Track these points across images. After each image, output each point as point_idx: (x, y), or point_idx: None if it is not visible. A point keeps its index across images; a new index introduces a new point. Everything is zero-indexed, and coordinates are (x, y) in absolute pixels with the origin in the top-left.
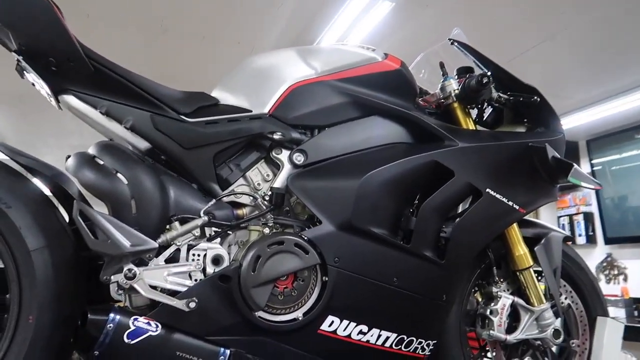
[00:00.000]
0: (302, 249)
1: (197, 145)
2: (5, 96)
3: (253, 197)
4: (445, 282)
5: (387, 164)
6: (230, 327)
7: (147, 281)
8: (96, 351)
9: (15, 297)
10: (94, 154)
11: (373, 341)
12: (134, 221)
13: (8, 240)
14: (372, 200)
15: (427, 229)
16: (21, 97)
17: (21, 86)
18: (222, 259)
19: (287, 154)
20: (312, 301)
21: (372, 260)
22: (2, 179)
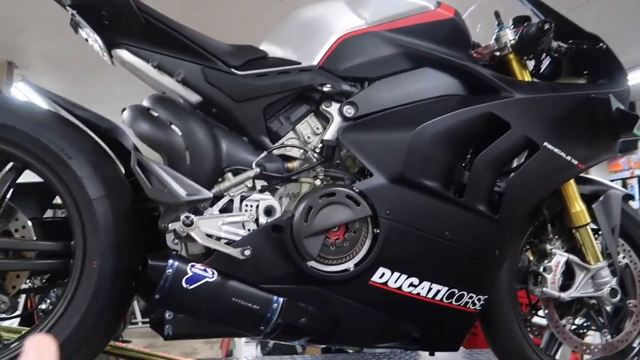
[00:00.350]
0: (353, 201)
1: (247, 98)
2: (56, 62)
3: (303, 150)
4: (498, 237)
5: (440, 116)
6: (283, 276)
7: (202, 230)
8: (157, 295)
9: (80, 244)
10: (148, 106)
11: (424, 294)
12: (188, 172)
13: (71, 190)
14: (425, 153)
15: (480, 183)
16: (70, 62)
17: (70, 51)
18: (274, 210)
19: (337, 107)
20: (363, 253)
21: (424, 213)
22: (63, 131)
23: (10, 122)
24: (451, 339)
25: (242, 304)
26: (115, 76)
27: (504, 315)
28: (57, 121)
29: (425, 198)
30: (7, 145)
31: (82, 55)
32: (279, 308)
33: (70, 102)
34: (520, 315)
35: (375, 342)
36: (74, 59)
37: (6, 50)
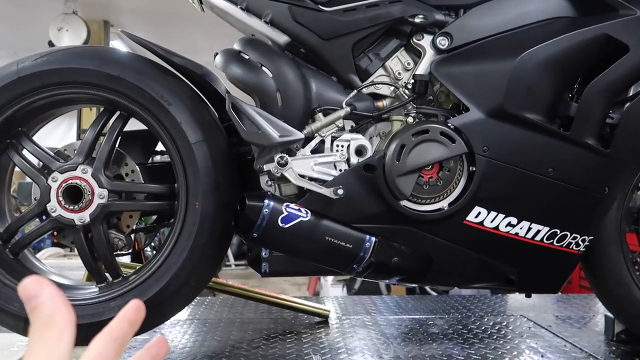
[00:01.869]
0: (448, 138)
1: (335, 35)
2: (145, 18)
3: (394, 87)
4: (609, 173)
5: (546, 42)
6: (376, 216)
7: (295, 170)
8: (254, 233)
9: (183, 186)
10: (239, 49)
11: (522, 234)
12: (280, 113)
13: (172, 135)
14: (528, 83)
15: (591, 114)
16: (159, 17)
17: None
18: (366, 150)
19: (430, 39)
20: (458, 191)
21: (525, 149)
22: (161, 78)
23: (115, 72)
24: (550, 281)
25: (335, 242)
26: (199, 29)
27: (611, 258)
28: (156, 69)
29: (527, 133)
30: (114, 94)
31: (169, 10)
32: (371, 247)
33: (167, 50)
34: (629, 258)
35: (468, 282)
36: (162, 14)
37: (102, 10)
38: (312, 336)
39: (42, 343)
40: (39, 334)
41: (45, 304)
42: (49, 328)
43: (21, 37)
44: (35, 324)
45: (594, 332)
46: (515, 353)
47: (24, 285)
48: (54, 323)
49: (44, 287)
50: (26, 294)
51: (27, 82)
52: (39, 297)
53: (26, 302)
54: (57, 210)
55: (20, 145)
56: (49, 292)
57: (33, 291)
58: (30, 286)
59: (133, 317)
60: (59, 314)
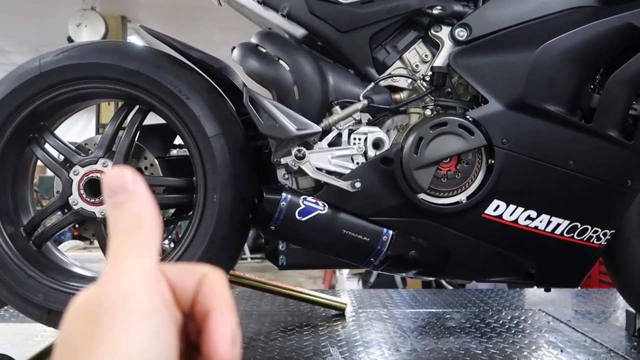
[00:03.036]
0: (466, 130)
1: (352, 28)
2: (162, 13)
3: (411, 79)
4: (632, 165)
5: (567, 32)
6: (393, 209)
7: (313, 163)
8: (272, 226)
9: (201, 179)
10: (257, 43)
11: (542, 227)
12: (297, 107)
13: (190, 128)
14: (549, 75)
15: (614, 106)
16: (175, 12)
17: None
18: (383, 143)
19: (448, 31)
20: (476, 184)
21: (546, 141)
22: (180, 72)
23: (134, 66)
24: (571, 275)
25: (353, 235)
26: (216, 24)
27: (633, 252)
28: (174, 64)
29: (547, 125)
30: (133, 89)
31: (185, 5)
32: (388, 240)
33: (185, 44)
34: None
35: (487, 276)
36: (178, 9)
37: (120, 5)
38: (329, 329)
39: (130, 252)
40: (124, 238)
41: (136, 202)
42: (138, 231)
43: (41, 33)
44: (120, 224)
45: (615, 327)
46: (533, 347)
47: (114, 173)
48: (143, 227)
49: (137, 182)
50: (114, 185)
51: (49, 77)
52: (128, 192)
53: (112, 193)
54: (78, 203)
55: (42, 140)
56: (142, 188)
57: (123, 183)
58: (121, 177)
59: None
60: (149, 216)
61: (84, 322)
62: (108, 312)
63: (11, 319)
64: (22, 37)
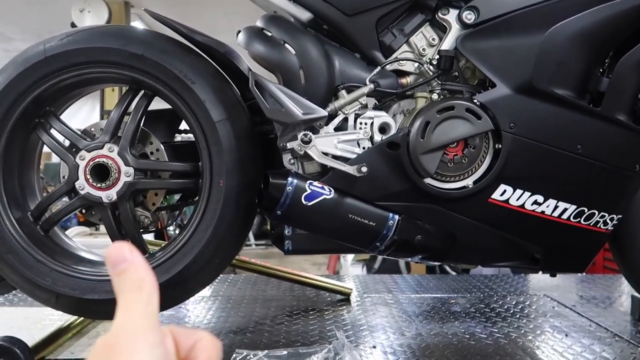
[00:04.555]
0: (474, 114)
1: (359, 11)
2: None
3: (418, 63)
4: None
5: (577, 14)
6: (399, 193)
7: (319, 148)
8: (278, 211)
9: (207, 164)
10: (262, 26)
11: (549, 212)
12: (303, 91)
13: (195, 113)
14: (558, 58)
15: (623, 89)
16: None
17: None
18: (389, 127)
19: (456, 13)
20: (483, 169)
21: (554, 126)
22: (185, 57)
23: (139, 51)
24: (576, 260)
25: (359, 220)
26: (220, 9)
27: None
28: (179, 48)
29: (555, 109)
30: (138, 73)
31: None
32: (394, 225)
33: (190, 29)
34: None
35: (492, 261)
36: None
37: None
38: (335, 313)
39: (135, 305)
40: (130, 296)
41: (135, 268)
42: (140, 291)
43: (44, 19)
44: (125, 286)
45: (620, 312)
46: (538, 332)
47: (114, 249)
48: (144, 287)
49: (133, 253)
50: (115, 258)
51: (54, 61)
52: (128, 262)
53: (113, 265)
54: (85, 188)
55: (48, 125)
56: (138, 257)
57: (122, 255)
58: (120, 250)
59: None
60: (148, 278)
61: (105, 353)
62: (123, 343)
63: (20, 302)
64: (25, 23)
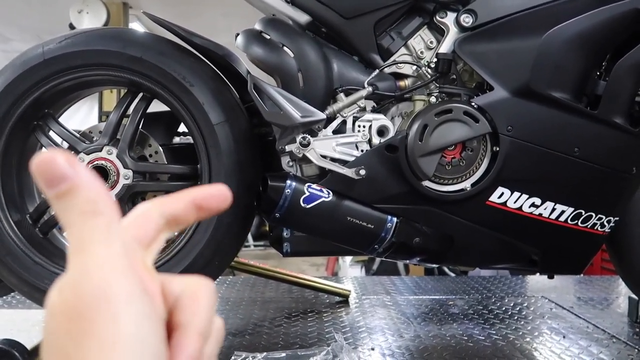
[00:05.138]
0: (471, 117)
1: (357, 14)
2: None
3: (416, 66)
4: (637, 153)
5: (574, 18)
6: (398, 196)
7: (317, 151)
8: (277, 213)
9: (205, 167)
10: (261, 29)
11: (546, 215)
12: (302, 94)
13: (194, 116)
14: (556, 61)
15: (620, 92)
16: None
17: None
18: (387, 130)
19: (454, 17)
20: (481, 172)
21: (551, 128)
22: (183, 59)
23: (138, 53)
24: (574, 262)
25: (357, 222)
26: (219, 11)
27: (637, 239)
28: (178, 51)
29: (552, 112)
30: (137, 76)
31: None
32: (393, 227)
33: (189, 31)
34: None
35: (490, 263)
36: None
37: None
38: (333, 315)
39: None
40: (82, 226)
41: (84, 188)
42: (95, 217)
43: (43, 20)
44: (73, 212)
45: (617, 313)
46: (536, 334)
47: (46, 160)
48: (98, 211)
49: (77, 167)
50: (52, 173)
51: (53, 64)
52: (70, 179)
53: (51, 182)
54: None
55: (47, 127)
56: (84, 172)
57: (62, 170)
58: (57, 163)
59: (203, 201)
60: (102, 199)
61: (67, 321)
62: (90, 306)
63: (18, 305)
64: (24, 24)
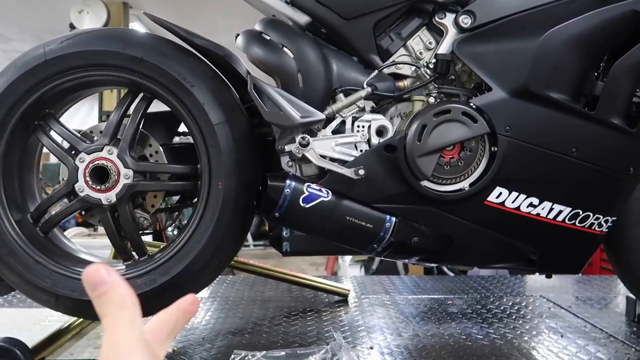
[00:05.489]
0: (470, 118)
1: (357, 15)
2: None
3: (415, 67)
4: (635, 153)
5: (572, 19)
6: (396, 196)
7: (317, 151)
8: (276, 213)
9: (205, 166)
10: (261, 30)
11: (544, 215)
12: (301, 94)
13: (194, 116)
14: (554, 62)
15: (617, 93)
16: None
17: None
18: (386, 130)
19: (452, 18)
20: (479, 172)
21: (549, 129)
22: (184, 60)
23: (138, 54)
24: (572, 262)
25: (356, 222)
26: (219, 11)
27: (635, 238)
28: (178, 51)
29: (550, 112)
30: (138, 76)
31: None
32: (391, 227)
33: (189, 32)
34: None
35: (489, 262)
36: None
37: None
38: (332, 314)
39: (121, 324)
40: (114, 317)
41: (115, 289)
42: (123, 311)
43: (43, 20)
44: (108, 307)
45: (615, 313)
46: (534, 333)
47: (91, 271)
48: (126, 306)
49: (112, 274)
50: (94, 280)
51: (54, 64)
52: (108, 283)
53: (94, 286)
54: (84, 190)
55: (48, 127)
56: (116, 276)
57: (100, 277)
58: (98, 273)
59: (187, 308)
60: (129, 297)
61: None
62: None
63: (19, 304)
64: (25, 24)
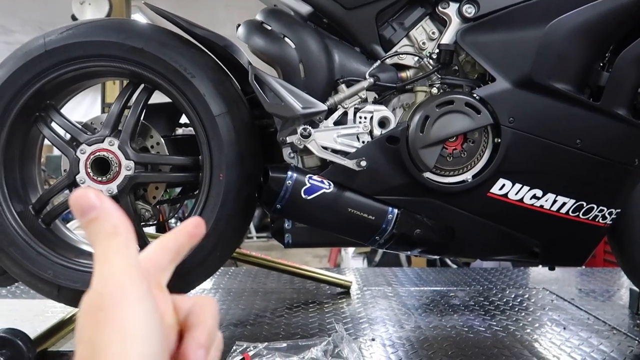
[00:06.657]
0: (473, 109)
1: (359, 5)
2: None
3: (418, 57)
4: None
5: (577, 8)
6: (399, 188)
7: (318, 142)
8: (278, 205)
9: (207, 158)
10: (262, 20)
11: (547, 206)
12: (303, 85)
13: (195, 107)
14: (558, 52)
15: (622, 84)
16: None
17: None
18: (389, 121)
19: (456, 7)
20: (482, 163)
21: (553, 120)
22: (185, 51)
23: (139, 44)
24: (575, 254)
25: (358, 214)
26: (220, 2)
27: (638, 231)
28: (179, 42)
29: (555, 103)
30: (138, 67)
31: None
32: (394, 219)
33: (190, 22)
34: None
35: (491, 254)
36: None
37: None
38: (334, 306)
39: (113, 251)
40: (106, 244)
41: (107, 214)
42: (116, 237)
43: (45, 11)
44: (99, 234)
45: (618, 305)
46: (537, 325)
47: (80, 195)
48: (119, 233)
49: (102, 199)
50: (84, 205)
51: (54, 55)
52: (99, 208)
53: (83, 212)
54: (86, 182)
55: (49, 118)
56: (108, 203)
57: (91, 202)
58: (87, 197)
59: (192, 231)
60: (122, 224)
61: (92, 314)
62: (109, 301)
63: (22, 295)
64: (26, 15)
